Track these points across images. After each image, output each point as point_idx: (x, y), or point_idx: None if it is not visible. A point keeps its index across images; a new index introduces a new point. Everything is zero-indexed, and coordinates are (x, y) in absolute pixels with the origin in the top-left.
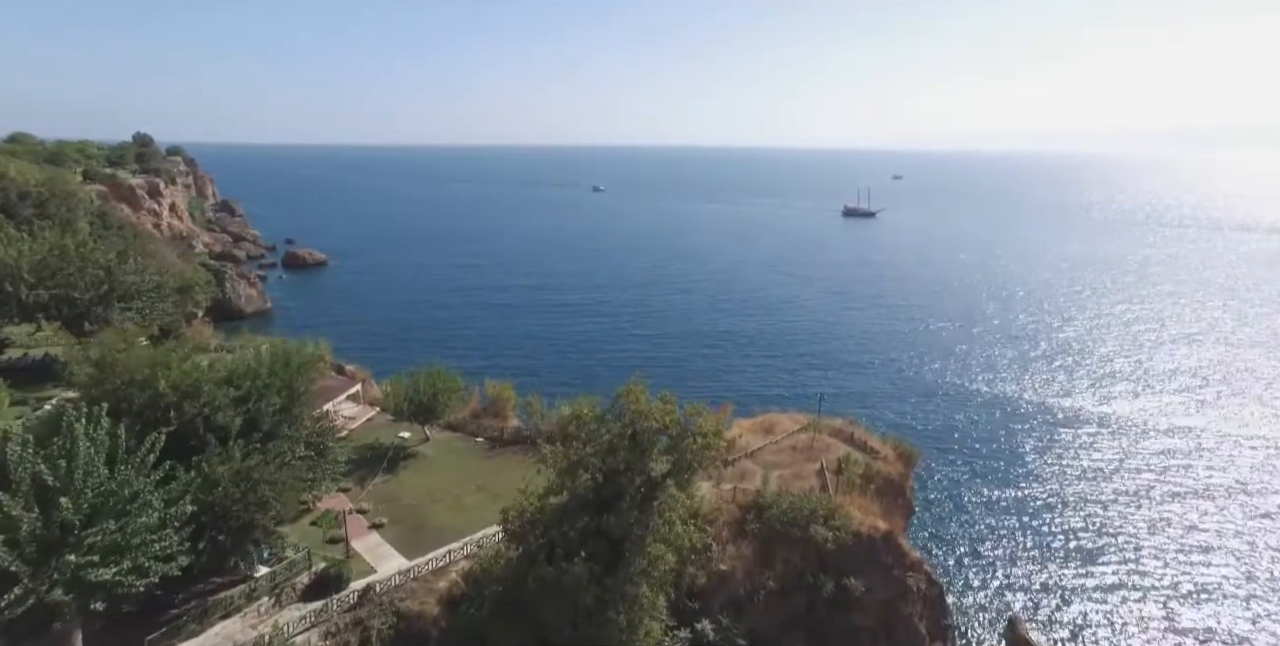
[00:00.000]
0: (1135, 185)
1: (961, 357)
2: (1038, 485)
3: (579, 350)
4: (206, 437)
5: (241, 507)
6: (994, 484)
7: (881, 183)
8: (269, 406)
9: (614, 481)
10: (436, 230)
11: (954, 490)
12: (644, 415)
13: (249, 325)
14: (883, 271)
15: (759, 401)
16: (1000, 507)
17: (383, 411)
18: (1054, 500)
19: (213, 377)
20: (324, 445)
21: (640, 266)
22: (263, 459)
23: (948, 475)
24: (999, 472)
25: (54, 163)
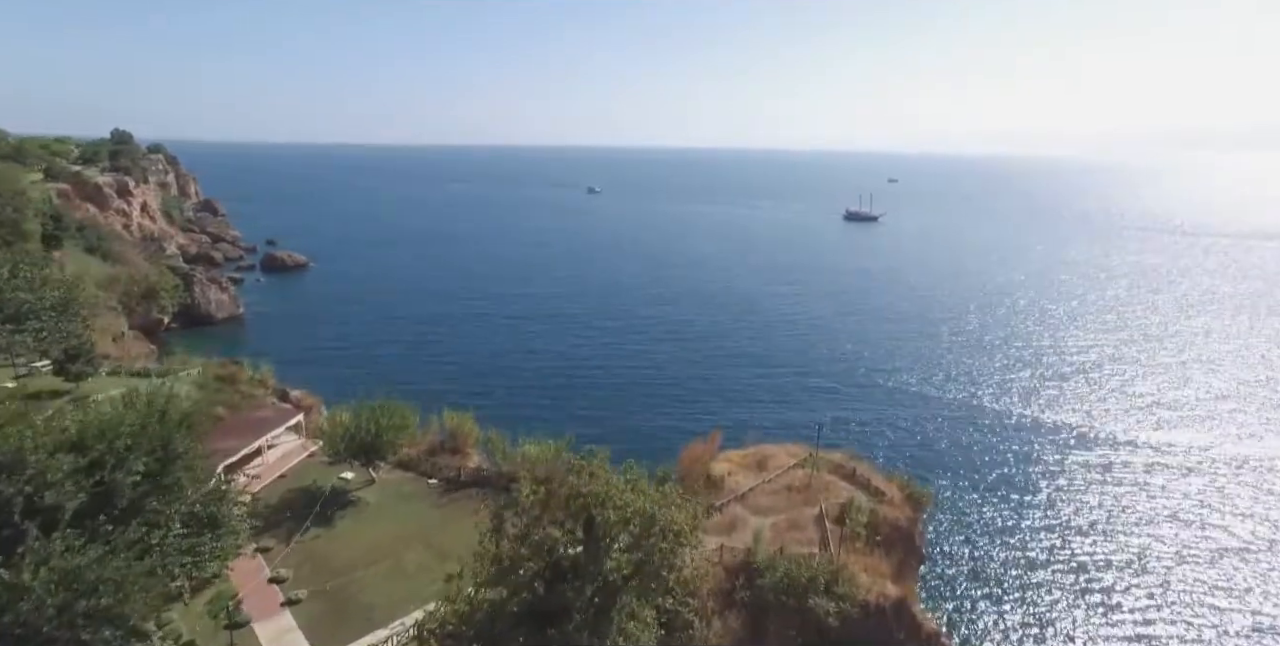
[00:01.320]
0: (1129, 190)
1: (970, 375)
2: (1059, 519)
3: (557, 367)
4: (24, 526)
5: (63, 624)
6: (1010, 515)
7: (877, 186)
8: (128, 475)
9: (558, 590)
10: (424, 232)
11: (965, 524)
12: (601, 501)
13: (219, 331)
14: (886, 280)
15: (752, 427)
16: (1019, 545)
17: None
18: (1075, 536)
19: (52, 440)
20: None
21: (631, 272)
22: (108, 550)
23: (958, 507)
24: (1015, 504)
25: (14, 160)
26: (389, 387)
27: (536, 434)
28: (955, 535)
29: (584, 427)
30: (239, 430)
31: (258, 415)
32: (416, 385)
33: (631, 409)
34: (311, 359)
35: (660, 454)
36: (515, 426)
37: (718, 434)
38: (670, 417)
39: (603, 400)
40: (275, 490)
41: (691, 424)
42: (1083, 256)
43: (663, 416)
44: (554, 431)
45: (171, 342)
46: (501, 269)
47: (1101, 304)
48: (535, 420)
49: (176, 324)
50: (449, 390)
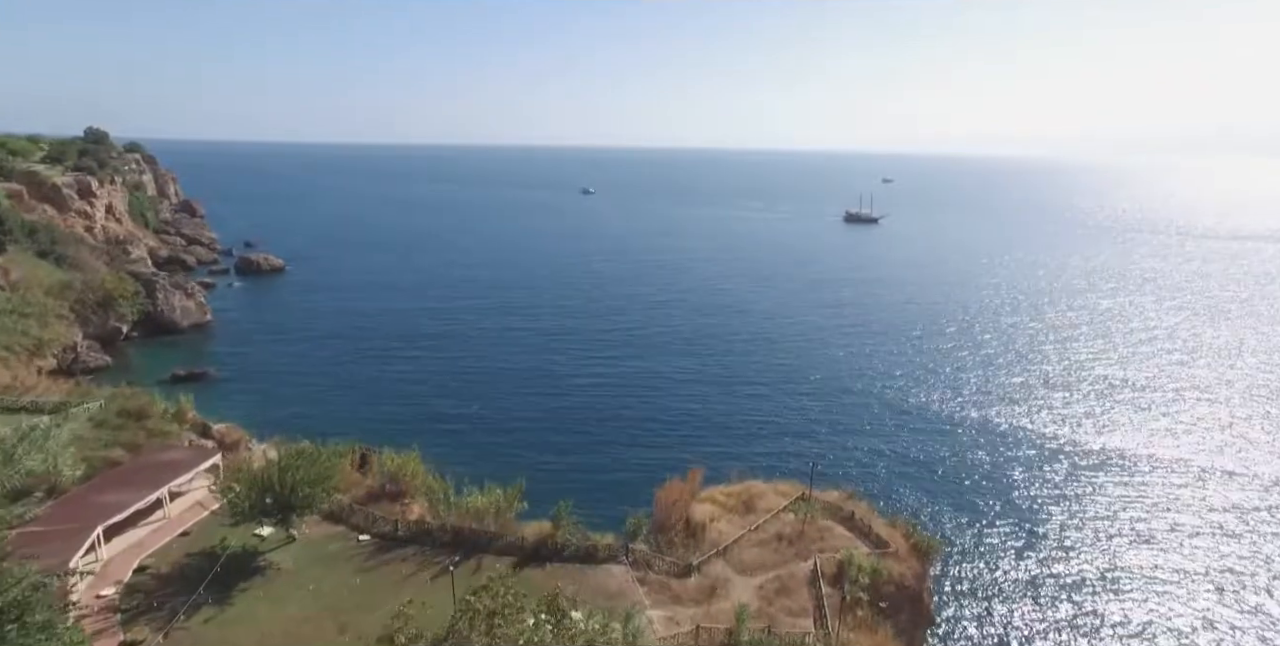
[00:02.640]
0: (1120, 191)
1: (979, 394)
2: (1088, 568)
3: (532, 386)
4: None
5: None
6: (1032, 564)
7: (872, 186)
8: None
9: None
10: (408, 235)
11: (978, 576)
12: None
13: (184, 341)
14: (887, 287)
15: (740, 457)
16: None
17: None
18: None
19: None
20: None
21: (621, 278)
22: None
23: (971, 553)
24: (1036, 547)
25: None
26: (338, 415)
27: (499, 467)
28: (967, 590)
29: (556, 457)
30: (137, 478)
31: (164, 457)
32: (378, 407)
33: (606, 434)
34: (270, 373)
35: (638, 489)
36: (479, 457)
37: (698, 472)
38: (649, 447)
39: (577, 425)
40: (172, 553)
41: (674, 453)
42: (1094, 263)
43: (641, 445)
44: (522, 464)
45: (130, 354)
46: (483, 274)
47: (1122, 313)
48: (502, 449)
49: (137, 333)
50: (413, 414)
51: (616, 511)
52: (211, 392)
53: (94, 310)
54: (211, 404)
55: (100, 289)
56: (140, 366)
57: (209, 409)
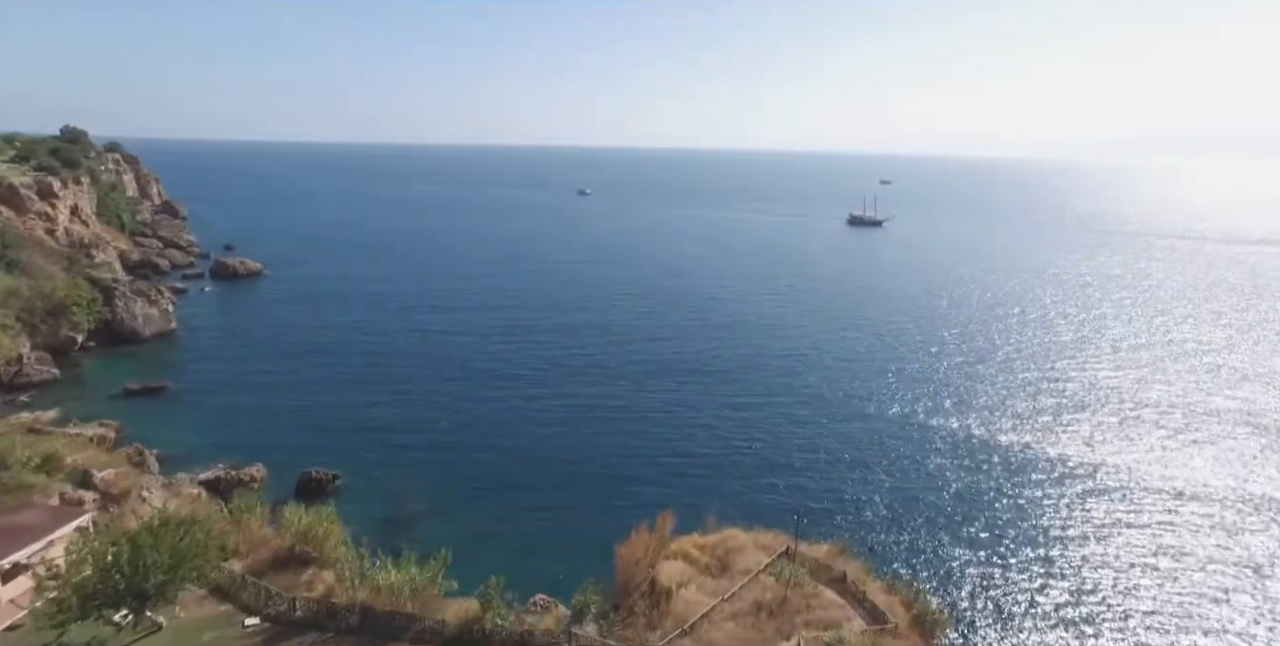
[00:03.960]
0: (1122, 193)
1: (997, 420)
2: (1125, 628)
3: (501, 405)
4: None
5: None
6: (1053, 626)
7: (870, 187)
8: None
9: None
10: (397, 237)
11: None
12: None
13: (144, 350)
14: (895, 296)
15: (720, 494)
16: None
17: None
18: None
19: None
20: None
21: (613, 284)
22: None
23: (985, 625)
24: (1062, 607)
25: None
26: (294, 436)
27: (453, 502)
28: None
29: (512, 498)
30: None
31: (13, 520)
32: (339, 427)
33: (575, 465)
34: (229, 388)
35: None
36: (437, 485)
37: (669, 518)
38: (621, 479)
39: (546, 450)
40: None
41: (647, 488)
42: (1108, 269)
43: (611, 475)
44: (478, 500)
45: (84, 365)
46: (466, 281)
47: (1145, 326)
48: (462, 478)
49: (95, 343)
50: (373, 438)
51: (574, 561)
52: (163, 409)
53: (44, 319)
54: (161, 422)
55: (52, 296)
56: (92, 379)
57: (159, 427)
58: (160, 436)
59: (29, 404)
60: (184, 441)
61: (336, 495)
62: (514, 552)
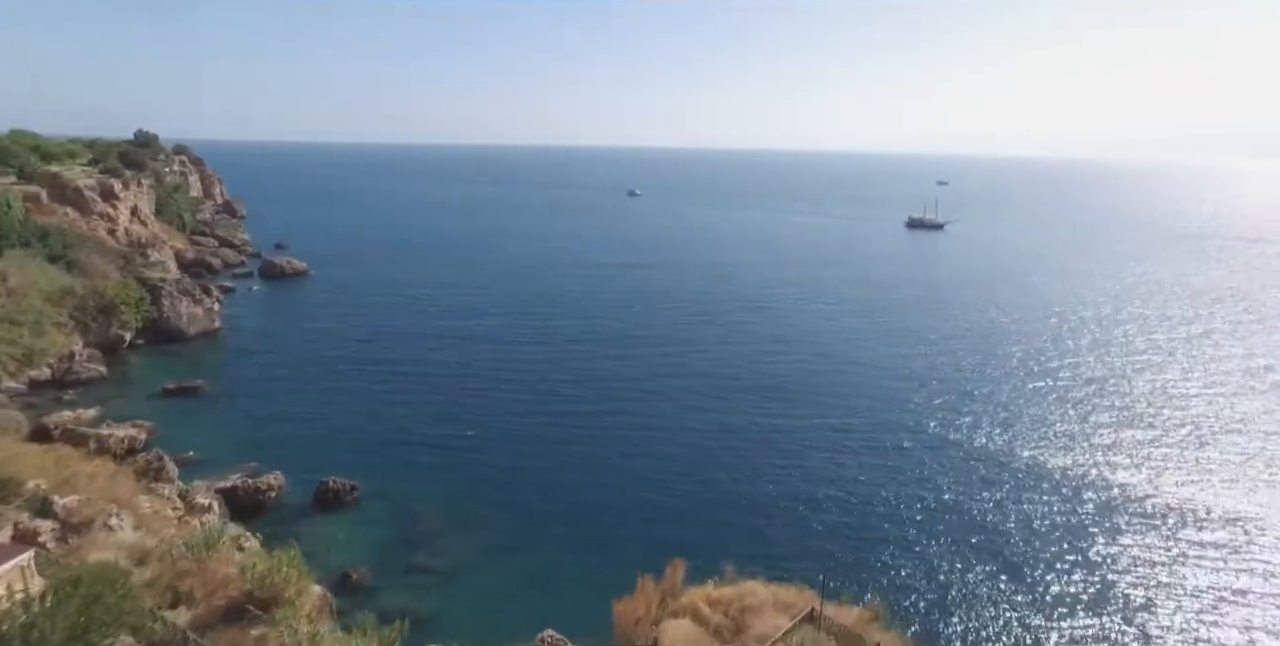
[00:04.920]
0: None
1: (1074, 452)
2: None
3: (521, 429)
4: None
5: None
6: None
7: (926, 188)
8: None
9: None
10: (445, 237)
11: None
12: None
13: (189, 349)
14: (958, 305)
15: (741, 535)
16: None
17: None
18: None
19: None
20: None
21: (657, 289)
22: None
23: None
24: None
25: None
26: (320, 440)
27: (463, 531)
28: None
29: (530, 520)
30: None
31: None
32: (365, 433)
33: (592, 491)
34: (262, 389)
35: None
36: (440, 509)
37: (678, 568)
38: (642, 509)
39: (565, 478)
40: None
41: (669, 519)
42: (1195, 279)
43: (634, 508)
44: (488, 529)
45: (131, 363)
46: (510, 283)
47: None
48: (471, 506)
49: (143, 341)
50: (389, 453)
51: (588, 593)
52: (196, 410)
53: (94, 317)
54: (191, 423)
55: (103, 295)
56: (135, 378)
57: (189, 428)
58: (189, 438)
59: (74, 402)
60: (210, 444)
61: (353, 506)
62: (526, 578)
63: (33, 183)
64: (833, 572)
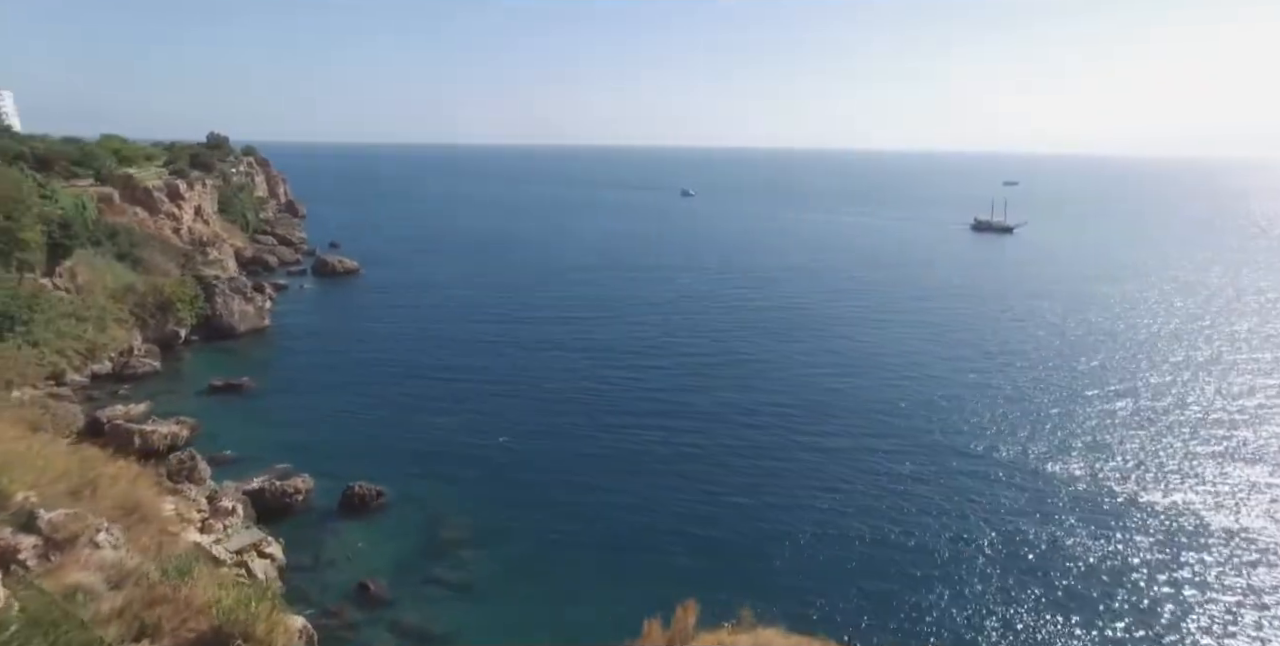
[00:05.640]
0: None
1: (1158, 491)
2: None
3: (555, 444)
4: None
5: None
6: None
7: (992, 188)
8: None
9: None
10: (495, 238)
11: None
12: None
13: (239, 346)
14: (1027, 317)
15: (768, 572)
16: None
17: None
18: None
19: None
20: None
21: (707, 294)
22: None
23: None
24: None
25: (82, 164)
26: (354, 441)
27: (487, 544)
28: None
29: (557, 537)
30: None
31: None
32: (398, 435)
33: (619, 512)
34: (304, 388)
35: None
36: (467, 519)
37: (690, 612)
38: (666, 538)
39: (595, 497)
40: None
41: (694, 559)
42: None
43: (656, 535)
44: (513, 543)
45: (185, 359)
46: (555, 288)
47: None
48: (498, 518)
49: (196, 337)
50: (421, 458)
51: (594, 630)
52: (238, 407)
53: (153, 314)
54: (232, 421)
55: (161, 292)
56: (187, 373)
57: (229, 426)
58: (229, 436)
59: (127, 396)
60: (248, 443)
61: (378, 512)
62: (545, 600)
63: (108, 184)
64: (866, 620)
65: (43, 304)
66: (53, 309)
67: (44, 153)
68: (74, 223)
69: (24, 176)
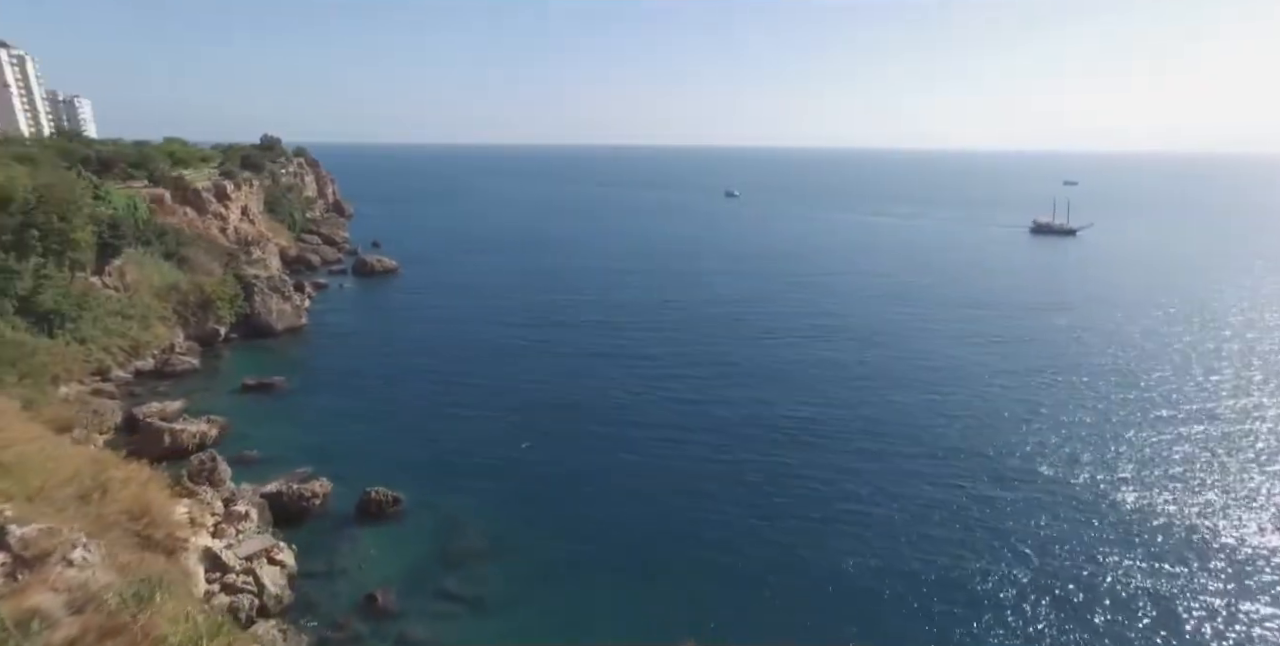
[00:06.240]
0: None
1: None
2: None
3: (580, 457)
4: None
5: None
6: None
7: (1051, 189)
8: None
9: None
10: (536, 239)
11: None
12: None
13: (276, 344)
14: (1094, 333)
15: (787, 608)
16: None
17: None
18: None
19: None
20: None
21: (747, 300)
22: None
23: None
24: None
25: (139, 166)
26: (376, 445)
27: (504, 556)
28: None
29: (575, 556)
30: None
31: None
32: (410, 450)
33: (630, 547)
34: (333, 389)
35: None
36: (485, 530)
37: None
38: (687, 574)
39: (618, 514)
40: None
41: (715, 587)
42: None
43: (678, 568)
44: (530, 557)
45: (223, 357)
46: (590, 293)
47: None
48: (518, 530)
49: (236, 335)
50: (442, 464)
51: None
52: (269, 406)
53: (194, 312)
54: (261, 420)
55: (202, 291)
56: (224, 371)
57: (258, 425)
58: (257, 436)
59: (166, 393)
60: (274, 444)
61: (394, 520)
62: (558, 620)
63: (160, 185)
64: None
65: (91, 302)
66: (100, 307)
67: (107, 155)
68: (123, 223)
69: (78, 179)
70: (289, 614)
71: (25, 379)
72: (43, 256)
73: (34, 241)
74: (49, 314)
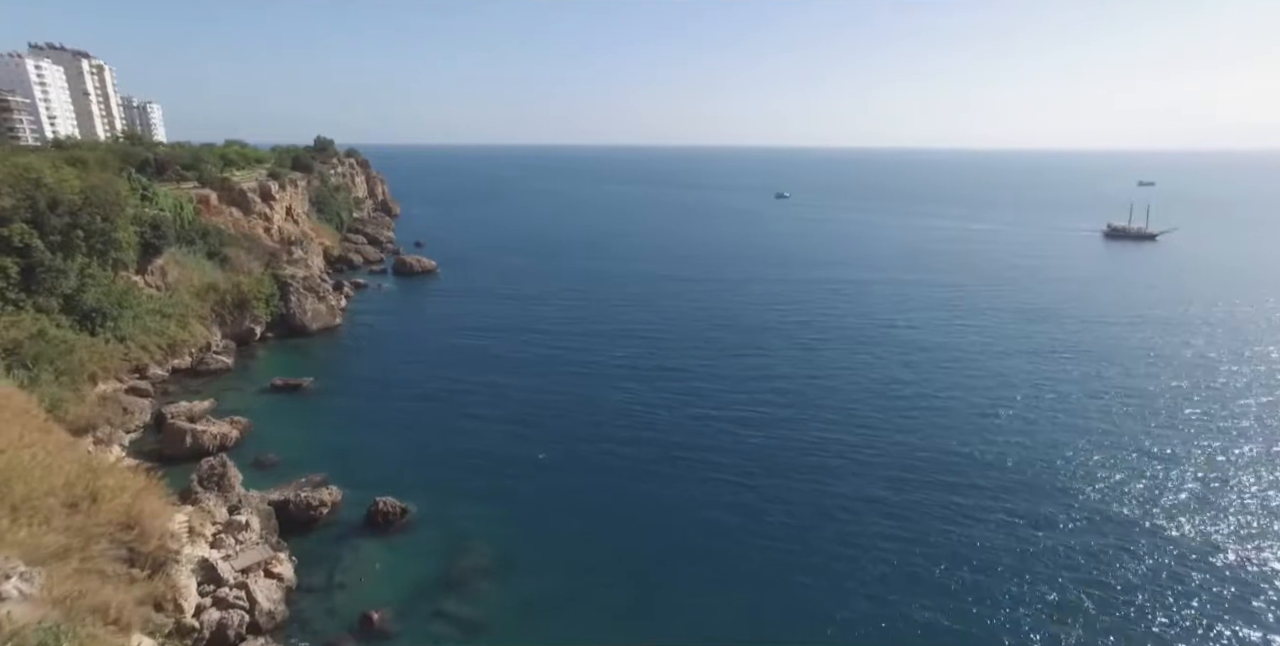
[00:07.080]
0: None
1: None
2: None
3: (597, 477)
4: None
5: None
6: None
7: (1123, 190)
8: None
9: None
10: (578, 240)
11: None
12: None
13: (310, 344)
14: (1194, 349)
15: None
16: None
17: None
18: None
19: None
20: None
21: (792, 307)
22: None
23: None
24: None
25: (191, 167)
26: (394, 450)
27: (508, 576)
28: None
29: (585, 579)
30: None
31: None
32: (425, 459)
33: (643, 570)
34: (360, 391)
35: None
36: (491, 545)
37: None
38: (701, 598)
39: (636, 536)
40: None
41: (731, 617)
42: None
43: (691, 592)
44: (538, 577)
45: (257, 357)
46: (630, 294)
47: None
48: (526, 547)
49: (271, 334)
50: (456, 475)
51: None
52: (293, 408)
53: (231, 311)
54: (284, 422)
55: (240, 290)
56: (255, 371)
57: (280, 428)
58: (276, 438)
59: (198, 391)
60: (293, 447)
61: (400, 532)
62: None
63: (208, 186)
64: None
65: (132, 300)
66: (140, 305)
67: (163, 158)
68: (164, 223)
69: (125, 180)
70: (279, 632)
71: (62, 376)
72: (87, 256)
73: (79, 241)
74: (91, 312)
